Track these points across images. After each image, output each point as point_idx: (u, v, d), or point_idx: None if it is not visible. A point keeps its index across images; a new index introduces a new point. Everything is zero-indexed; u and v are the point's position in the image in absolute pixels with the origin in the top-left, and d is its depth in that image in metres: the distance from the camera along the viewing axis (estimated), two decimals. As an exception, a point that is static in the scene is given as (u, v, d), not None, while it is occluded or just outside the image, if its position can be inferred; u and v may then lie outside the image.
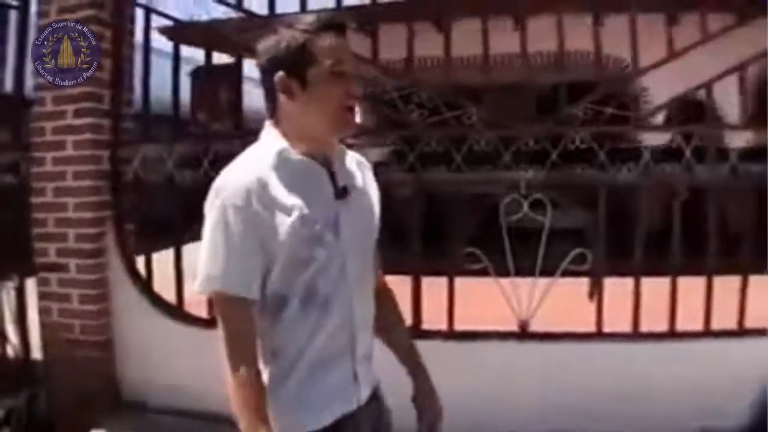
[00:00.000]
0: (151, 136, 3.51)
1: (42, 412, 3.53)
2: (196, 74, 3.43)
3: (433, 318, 3.27)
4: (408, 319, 2.24)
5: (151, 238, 3.58)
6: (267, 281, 1.42)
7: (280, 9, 3.30)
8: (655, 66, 3.15)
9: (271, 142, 1.45)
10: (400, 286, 1.81)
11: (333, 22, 1.43)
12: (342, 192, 1.48)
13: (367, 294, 1.57)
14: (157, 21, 3.49)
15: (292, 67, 1.41)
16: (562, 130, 3.11)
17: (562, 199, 3.15)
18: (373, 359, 1.62)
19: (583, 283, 3.37)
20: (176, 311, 3.50)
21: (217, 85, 3.37)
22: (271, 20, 3.31)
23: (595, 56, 3.11)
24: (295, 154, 1.43)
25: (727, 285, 3.18)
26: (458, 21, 3.34)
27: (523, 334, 3.24)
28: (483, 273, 3.23)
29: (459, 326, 3.25)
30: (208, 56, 3.38)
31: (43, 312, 3.49)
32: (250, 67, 3.56)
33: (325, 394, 1.48)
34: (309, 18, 1.42)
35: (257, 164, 1.41)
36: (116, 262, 3.49)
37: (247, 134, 3.38)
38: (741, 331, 3.20)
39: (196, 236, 1.47)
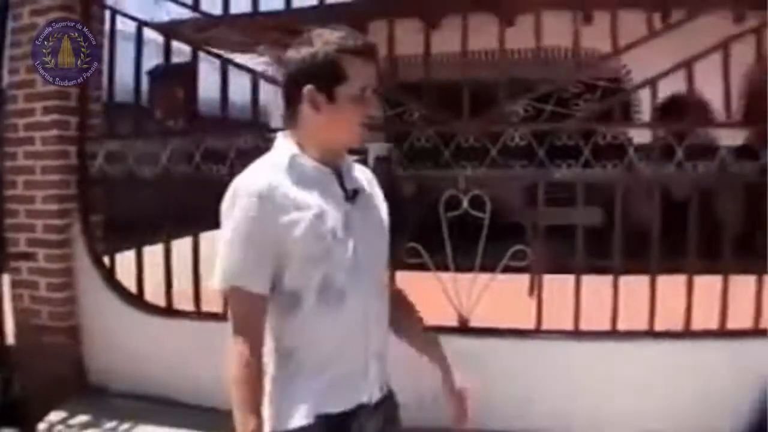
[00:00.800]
0: (115, 132, 3.66)
1: (16, 395, 3.72)
2: (155, 72, 3.57)
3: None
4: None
5: (116, 232, 3.74)
6: (282, 279, 1.50)
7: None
8: (601, 60, 3.15)
9: (284, 148, 1.54)
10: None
11: (368, 46, 1.51)
12: (351, 194, 1.56)
13: (381, 292, 1.63)
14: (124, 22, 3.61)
15: (323, 82, 1.48)
16: (501, 128, 3.13)
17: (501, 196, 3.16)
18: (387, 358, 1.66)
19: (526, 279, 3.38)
20: (137, 300, 3.64)
21: (173, 83, 3.51)
22: (226, 20, 3.44)
23: (535, 52, 3.11)
24: (306, 160, 1.52)
25: (671, 285, 3.16)
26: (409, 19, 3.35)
27: (463, 329, 3.27)
28: (425, 268, 3.28)
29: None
30: (167, 55, 3.51)
31: (15, 299, 3.69)
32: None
33: (335, 385, 1.53)
34: (340, 34, 1.49)
35: (270, 169, 1.51)
36: (82, 252, 3.66)
37: (201, 131, 3.53)
38: (686, 333, 3.17)
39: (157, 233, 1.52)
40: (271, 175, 1.49)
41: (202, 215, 3.30)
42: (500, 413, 3.16)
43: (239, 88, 3.43)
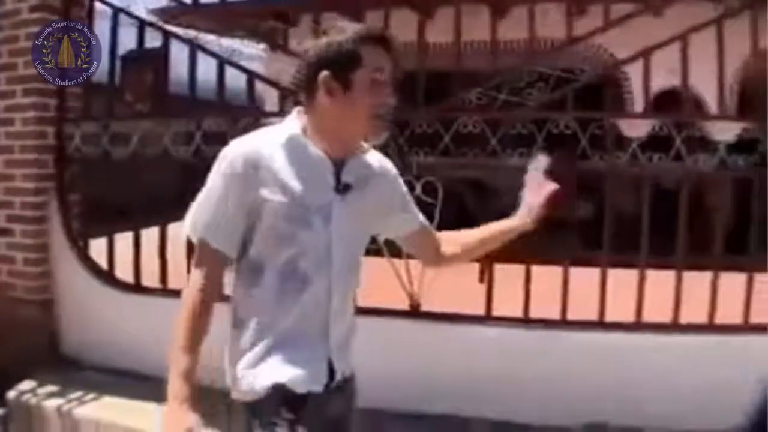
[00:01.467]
0: (91, 113, 3.79)
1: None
2: (128, 58, 3.69)
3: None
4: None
5: (91, 210, 3.87)
6: (249, 247, 1.55)
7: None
8: (553, 50, 3.17)
9: (287, 127, 1.58)
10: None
11: (384, 36, 1.56)
12: (343, 187, 1.58)
13: (350, 286, 1.65)
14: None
15: (338, 68, 1.51)
16: (453, 115, 3.16)
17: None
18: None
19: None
20: (108, 276, 3.78)
21: (144, 69, 3.62)
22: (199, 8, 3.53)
23: (492, 44, 3.14)
24: (305, 141, 1.55)
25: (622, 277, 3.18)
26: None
27: (414, 313, 3.31)
28: (379, 253, 3.33)
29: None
30: (140, 41, 3.62)
31: (-6, 273, 3.87)
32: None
33: (293, 368, 1.56)
34: (358, 26, 1.55)
35: (266, 141, 1.55)
36: (57, 228, 3.80)
37: (171, 114, 3.64)
38: (637, 325, 3.17)
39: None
40: (264, 145, 1.53)
41: (171, 195, 3.43)
42: (447, 396, 3.21)
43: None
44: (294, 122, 1.58)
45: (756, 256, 3.07)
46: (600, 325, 3.18)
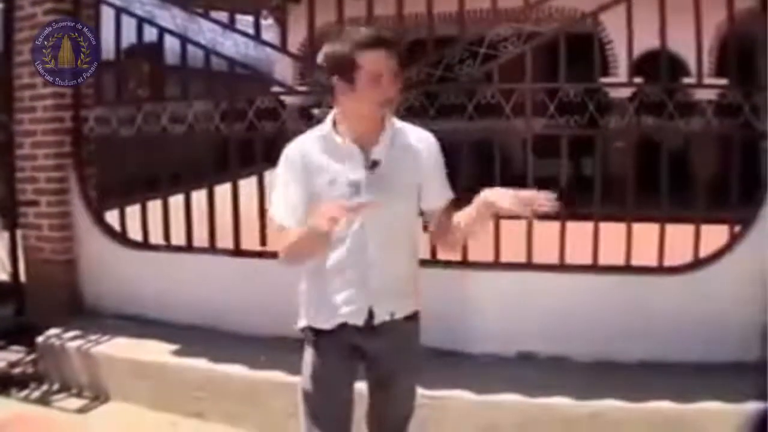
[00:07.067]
0: (101, 99, 4.43)
1: (26, 320, 4.56)
2: (131, 51, 4.31)
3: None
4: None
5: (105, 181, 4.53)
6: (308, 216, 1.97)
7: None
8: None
9: (323, 125, 2.06)
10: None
11: (379, 40, 1.93)
12: (372, 164, 2.00)
13: (393, 243, 2.05)
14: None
15: (343, 73, 1.94)
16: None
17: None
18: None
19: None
20: (120, 237, 4.44)
21: (144, 60, 4.25)
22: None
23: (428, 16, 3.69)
24: (334, 136, 2.01)
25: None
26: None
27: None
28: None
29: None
30: (139, 35, 4.24)
31: (24, 238, 4.57)
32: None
33: (333, 307, 2.06)
34: (359, 32, 1.94)
35: (308, 140, 2.07)
36: (76, 198, 4.47)
37: (168, 99, 4.25)
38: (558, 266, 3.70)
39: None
40: (305, 143, 2.05)
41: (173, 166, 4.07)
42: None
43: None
44: (327, 121, 2.05)
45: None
46: (527, 266, 3.72)
